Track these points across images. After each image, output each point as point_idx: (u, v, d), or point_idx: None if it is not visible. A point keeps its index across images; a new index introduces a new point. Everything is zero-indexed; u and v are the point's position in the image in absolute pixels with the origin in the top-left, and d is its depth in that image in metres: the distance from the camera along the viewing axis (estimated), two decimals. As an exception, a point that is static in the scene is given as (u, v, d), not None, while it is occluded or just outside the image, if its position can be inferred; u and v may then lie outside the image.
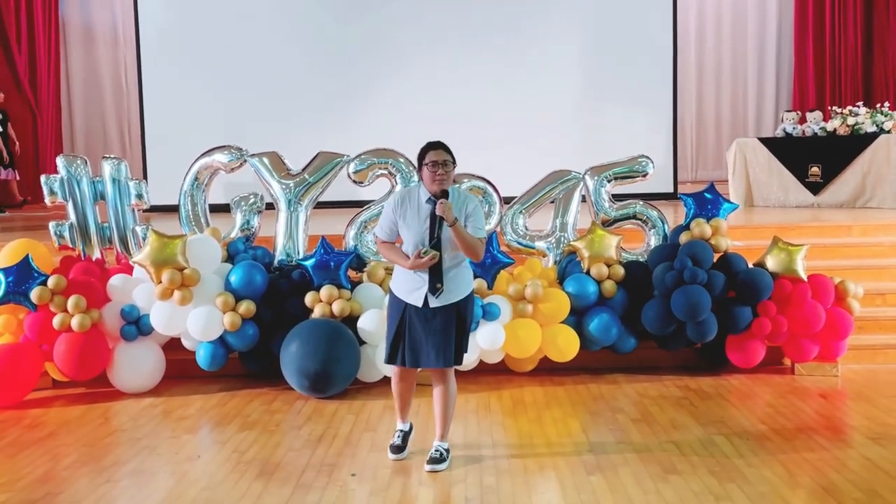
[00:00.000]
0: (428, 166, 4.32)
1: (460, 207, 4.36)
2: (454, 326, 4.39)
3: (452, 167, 4.36)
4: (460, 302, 4.42)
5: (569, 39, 11.61)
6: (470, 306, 4.50)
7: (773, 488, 4.19)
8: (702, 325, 6.14)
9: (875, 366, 6.48)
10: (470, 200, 4.44)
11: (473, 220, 4.37)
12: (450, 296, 4.39)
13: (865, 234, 7.96)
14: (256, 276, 6.25)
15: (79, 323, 6.01)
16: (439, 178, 4.29)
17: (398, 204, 4.43)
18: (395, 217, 4.43)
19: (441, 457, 4.55)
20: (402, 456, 4.69)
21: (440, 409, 4.58)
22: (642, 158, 6.84)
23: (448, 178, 4.32)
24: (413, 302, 4.40)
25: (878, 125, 9.74)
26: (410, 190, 4.51)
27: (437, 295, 4.35)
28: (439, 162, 4.30)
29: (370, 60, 11.56)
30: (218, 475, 4.55)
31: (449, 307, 4.39)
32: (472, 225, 4.35)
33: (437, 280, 4.33)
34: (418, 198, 4.40)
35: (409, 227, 4.38)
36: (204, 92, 11.64)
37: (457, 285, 4.41)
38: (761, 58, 14.10)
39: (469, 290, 4.48)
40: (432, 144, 4.40)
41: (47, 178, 6.88)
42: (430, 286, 4.34)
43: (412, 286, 4.40)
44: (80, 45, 14.03)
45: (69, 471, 4.67)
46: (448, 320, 4.39)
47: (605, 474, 4.42)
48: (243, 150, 6.90)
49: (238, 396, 6.03)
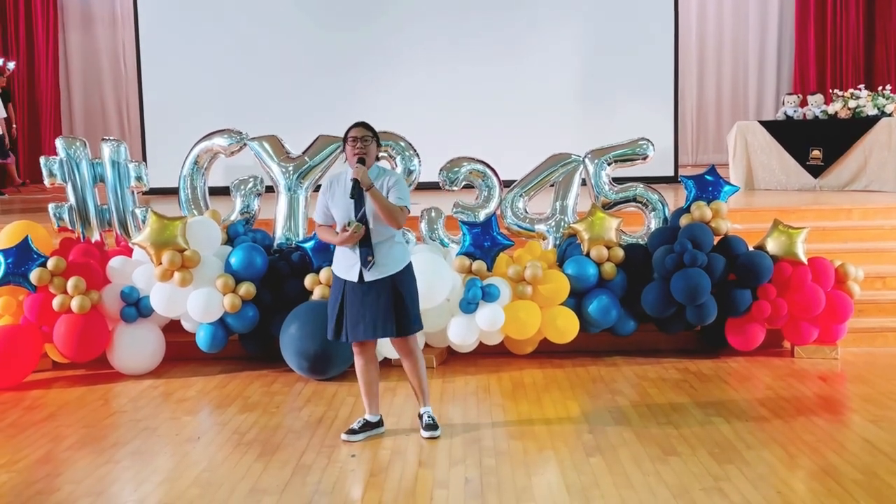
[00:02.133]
0: (348, 142, 4.61)
1: (382, 181, 4.60)
2: (391, 299, 4.59)
3: (372, 142, 4.63)
4: (396, 275, 4.63)
5: (569, 23, 11.55)
6: (407, 279, 4.70)
7: (772, 470, 4.20)
8: (701, 308, 6.14)
9: (874, 349, 6.48)
10: (392, 175, 4.70)
11: (396, 189, 4.59)
12: (383, 269, 4.59)
13: (866, 217, 7.95)
14: (256, 258, 6.25)
15: (78, 304, 6.02)
16: (358, 152, 4.56)
17: (327, 187, 4.72)
18: (326, 199, 4.70)
19: (434, 422, 4.80)
20: (354, 438, 4.72)
21: (413, 380, 4.85)
22: (643, 141, 6.82)
23: (367, 151, 4.57)
24: (350, 278, 4.62)
25: (879, 108, 9.71)
26: (338, 174, 4.76)
27: (369, 268, 4.56)
28: (358, 137, 4.59)
29: (371, 47, 11.49)
30: (218, 456, 4.56)
31: (385, 280, 4.59)
32: (393, 194, 4.57)
33: (368, 252, 4.56)
34: (345, 179, 4.63)
35: (338, 206, 4.63)
36: (203, 74, 11.60)
37: (391, 259, 4.62)
38: (762, 40, 14.03)
39: (404, 264, 4.69)
40: (354, 124, 4.68)
41: (46, 160, 6.87)
42: (361, 259, 4.56)
43: (348, 263, 4.62)
44: (79, 27, 13.97)
45: (69, 452, 4.68)
46: (383, 293, 4.58)
47: (604, 455, 4.43)
48: (243, 134, 6.89)
49: (238, 378, 6.04)
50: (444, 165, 6.73)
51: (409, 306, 4.66)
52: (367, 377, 4.83)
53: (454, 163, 6.73)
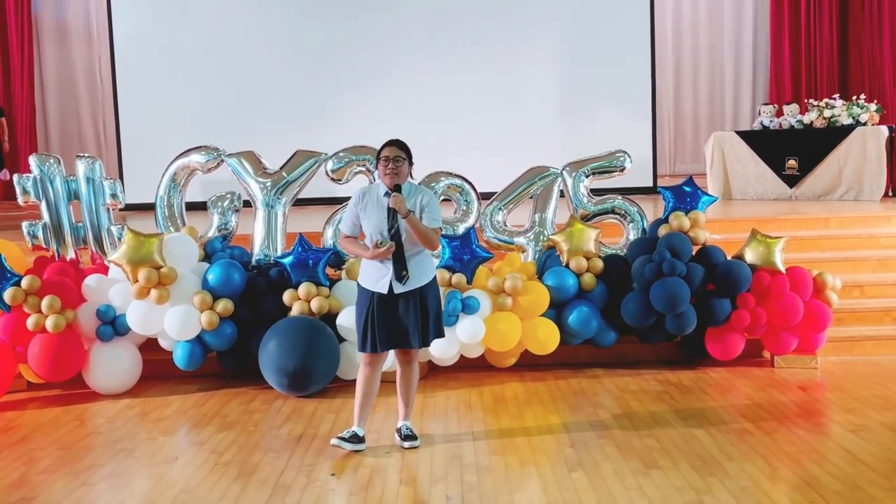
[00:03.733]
0: (381, 161, 4.62)
1: (415, 200, 4.65)
2: (419, 310, 4.67)
3: (405, 163, 4.64)
4: (423, 287, 4.69)
5: (546, 35, 11.58)
6: (433, 290, 4.77)
7: (754, 482, 4.19)
8: (681, 318, 6.14)
9: (854, 357, 6.51)
10: (425, 193, 4.74)
11: (429, 211, 4.65)
12: (413, 281, 4.66)
13: (843, 226, 7.99)
14: (234, 274, 6.19)
15: (53, 324, 5.93)
16: (390, 172, 4.58)
17: (360, 199, 4.74)
18: (357, 211, 4.73)
19: (412, 433, 4.85)
20: (344, 445, 4.70)
21: (404, 389, 4.87)
22: (620, 153, 6.84)
23: (399, 172, 4.59)
24: (379, 290, 4.64)
25: (854, 117, 9.79)
26: (371, 187, 4.83)
27: (402, 282, 4.62)
28: (391, 157, 4.60)
29: (349, 62, 11.47)
30: (195, 477, 4.50)
31: (413, 292, 4.66)
32: (427, 216, 4.63)
33: (402, 268, 4.61)
34: (377, 192, 4.69)
35: (370, 220, 4.66)
36: (179, 90, 11.52)
37: (421, 271, 4.69)
38: (738, 51, 14.13)
39: (431, 276, 4.78)
40: (389, 142, 4.69)
41: (20, 178, 6.79)
42: (395, 274, 4.61)
43: (379, 275, 4.65)
44: (54, 43, 13.83)
45: (44, 475, 4.60)
46: (413, 303, 4.66)
47: (586, 470, 4.41)
48: (220, 150, 6.84)
49: (216, 396, 5.98)
50: (423, 180, 6.69)
51: (436, 317, 4.76)
52: (371, 389, 4.82)
53: (432, 177, 6.71)
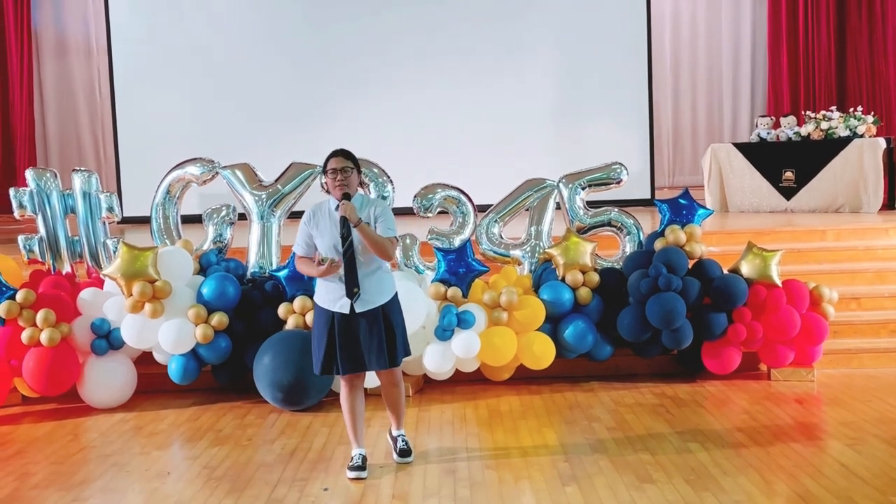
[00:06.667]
0: (329, 174, 4.50)
1: (368, 211, 4.53)
2: (383, 329, 4.51)
3: (353, 172, 4.51)
4: (384, 305, 4.54)
5: (544, 47, 11.63)
6: (395, 307, 4.62)
7: (748, 497, 4.17)
8: (677, 332, 6.12)
9: (851, 370, 6.49)
10: (378, 204, 4.63)
11: (383, 220, 4.52)
12: (373, 299, 4.50)
13: (839, 238, 7.98)
14: (229, 287, 6.18)
15: (48, 337, 5.92)
16: (339, 184, 4.45)
17: (311, 217, 4.60)
18: (309, 229, 4.59)
19: (408, 447, 4.82)
20: (363, 475, 4.58)
21: (392, 404, 4.81)
22: (616, 165, 6.83)
23: (349, 182, 4.47)
24: (339, 310, 4.49)
25: (851, 129, 9.80)
26: (321, 203, 4.65)
27: (354, 299, 4.45)
28: (338, 168, 4.47)
29: (346, 72, 11.52)
30: (188, 492, 4.48)
31: (375, 311, 4.51)
32: (381, 225, 4.50)
33: (353, 284, 4.43)
34: (328, 207, 4.57)
35: (323, 237, 4.53)
36: (177, 103, 11.58)
37: (378, 289, 4.53)
38: (736, 63, 14.14)
39: (392, 294, 4.61)
40: (334, 153, 4.56)
41: (16, 192, 6.79)
42: (347, 290, 4.43)
43: (336, 295, 4.49)
44: (53, 56, 13.87)
45: (36, 490, 4.58)
46: (375, 324, 4.50)
47: (580, 484, 4.38)
48: (215, 163, 6.84)
49: (211, 410, 5.96)
50: (419, 192, 6.71)
51: (399, 336, 4.60)
52: (356, 409, 4.66)
53: (428, 189, 6.71)
